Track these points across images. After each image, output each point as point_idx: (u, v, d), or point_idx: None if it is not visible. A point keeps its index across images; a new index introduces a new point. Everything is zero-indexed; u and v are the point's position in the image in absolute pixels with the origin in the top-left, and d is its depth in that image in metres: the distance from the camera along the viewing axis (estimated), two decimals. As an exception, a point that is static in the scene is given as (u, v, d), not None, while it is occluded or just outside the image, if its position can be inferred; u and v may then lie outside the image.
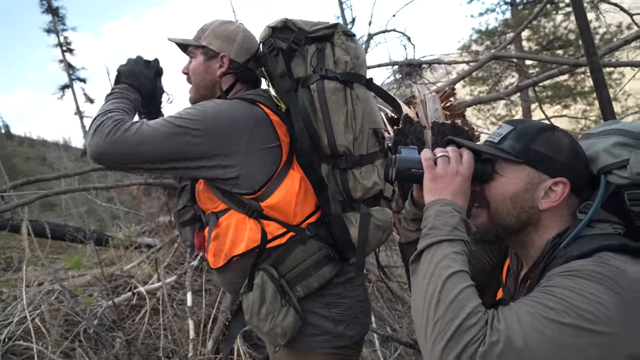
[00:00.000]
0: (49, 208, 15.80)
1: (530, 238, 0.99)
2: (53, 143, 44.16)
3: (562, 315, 0.73)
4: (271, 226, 1.34)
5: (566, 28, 14.44)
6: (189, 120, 1.26)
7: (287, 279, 1.34)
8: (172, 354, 3.24)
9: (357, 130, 1.34)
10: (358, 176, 1.35)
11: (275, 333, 1.31)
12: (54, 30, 19.19)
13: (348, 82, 1.33)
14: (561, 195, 0.93)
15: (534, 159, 0.95)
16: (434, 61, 3.95)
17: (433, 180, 0.99)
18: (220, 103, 1.34)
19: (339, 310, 1.39)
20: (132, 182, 4.19)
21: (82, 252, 6.21)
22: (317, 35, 1.35)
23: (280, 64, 1.33)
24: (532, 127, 0.98)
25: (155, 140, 1.22)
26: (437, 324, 0.78)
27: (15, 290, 3.69)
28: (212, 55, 1.48)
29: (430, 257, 0.88)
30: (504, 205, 0.98)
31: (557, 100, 15.41)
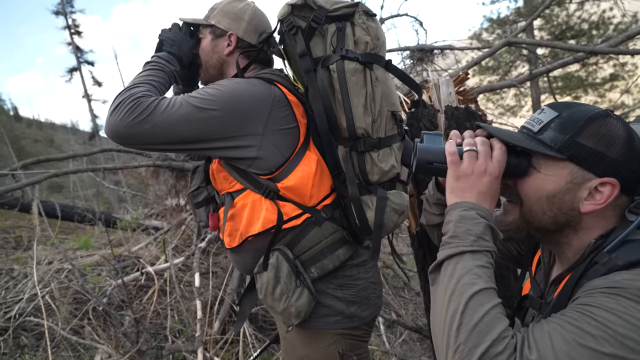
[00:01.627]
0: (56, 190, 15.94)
1: (568, 239, 0.88)
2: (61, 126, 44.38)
3: (601, 343, 0.65)
4: (287, 207, 1.33)
5: (579, 17, 14.15)
6: (207, 100, 1.23)
7: (302, 260, 1.33)
8: (179, 333, 3.29)
9: (376, 113, 1.30)
10: (376, 159, 1.32)
11: (289, 313, 1.30)
12: (62, 12, 19.10)
13: (368, 63, 1.29)
14: (608, 197, 0.81)
15: (579, 155, 0.81)
16: (446, 47, 3.90)
17: (457, 178, 0.87)
18: (238, 82, 1.31)
19: (352, 291, 1.39)
20: (140, 164, 4.21)
21: (90, 233, 6.28)
22: (337, 14, 1.30)
23: (300, 43, 1.29)
24: (580, 114, 0.83)
25: (173, 122, 1.20)
26: (458, 350, 0.70)
27: (26, 268, 3.74)
28: (220, 34, 1.46)
29: (451, 270, 0.79)
30: (539, 204, 0.86)
31: (568, 91, 15.20)
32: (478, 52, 4.68)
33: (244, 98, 1.27)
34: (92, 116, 19.38)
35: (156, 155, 4.21)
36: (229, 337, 3.15)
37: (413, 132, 1.87)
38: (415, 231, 1.96)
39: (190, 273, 3.89)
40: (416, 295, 3.90)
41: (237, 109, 1.26)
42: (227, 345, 3.10)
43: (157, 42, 1.46)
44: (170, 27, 1.48)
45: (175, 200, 5.06)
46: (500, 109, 16.08)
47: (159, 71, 1.36)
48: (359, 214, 1.33)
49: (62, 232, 6.31)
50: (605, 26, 13.67)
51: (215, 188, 1.46)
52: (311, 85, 1.31)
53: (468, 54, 5.13)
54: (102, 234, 6.02)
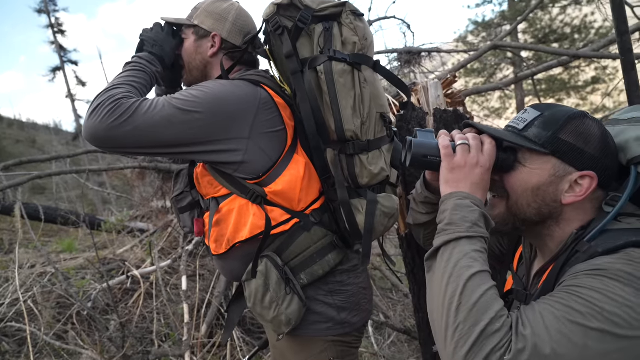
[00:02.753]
0: (39, 192, 15.63)
1: (550, 231, 0.94)
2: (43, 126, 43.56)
3: (589, 319, 0.69)
4: (275, 212, 1.30)
5: (562, 21, 14.42)
6: (191, 102, 1.19)
7: (291, 267, 1.31)
8: (166, 338, 3.25)
9: (364, 115, 1.28)
10: (365, 162, 1.30)
11: (279, 321, 1.28)
12: (45, 10, 18.79)
13: (356, 64, 1.27)
14: (587, 189, 0.88)
15: (561, 150, 0.88)
16: (434, 49, 3.93)
17: (451, 170, 0.92)
18: (223, 84, 1.27)
19: (342, 297, 1.37)
20: (126, 166, 4.15)
21: (73, 235, 6.17)
22: (324, 14, 1.28)
23: (286, 43, 1.26)
24: (560, 113, 0.90)
25: (155, 124, 1.15)
26: (458, 329, 0.73)
27: (7, 272, 3.66)
28: (204, 35, 1.42)
29: (448, 255, 0.83)
30: (525, 197, 0.92)
31: (551, 93, 15.48)
32: (464, 55, 4.73)
33: (229, 100, 1.23)
34: (76, 116, 19.09)
35: (142, 157, 4.16)
36: (216, 340, 3.12)
37: (402, 134, 1.88)
38: (405, 233, 1.97)
39: (177, 276, 3.85)
40: (404, 297, 3.92)
41: (222, 111, 1.22)
42: (214, 349, 3.07)
43: (138, 42, 1.41)
44: (152, 27, 1.44)
45: (162, 202, 5.00)
46: (486, 111, 16.28)
47: (140, 72, 1.31)
48: (348, 218, 1.31)
49: (45, 234, 6.18)
50: (587, 30, 13.96)
51: (199, 192, 1.41)
52: (298, 87, 1.28)
53: (454, 57, 5.18)
54: (86, 237, 5.92)
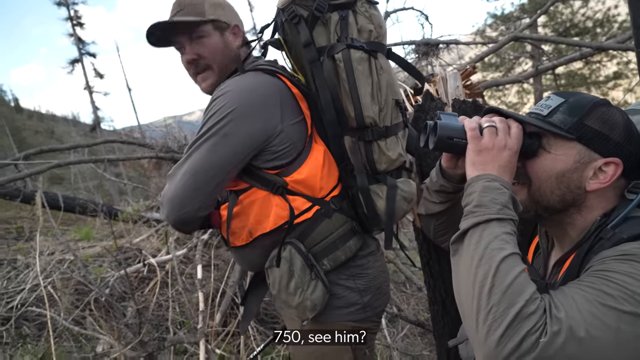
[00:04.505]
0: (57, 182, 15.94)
1: (572, 219, 0.93)
2: (62, 117, 44.31)
3: (621, 303, 0.69)
4: (297, 201, 1.30)
5: (584, 15, 14.10)
6: (223, 125, 1.19)
7: (314, 253, 1.31)
8: (181, 325, 3.29)
9: (382, 102, 1.29)
10: (383, 148, 1.31)
11: (305, 306, 1.29)
12: (65, 3, 19.04)
13: (373, 51, 1.27)
14: (612, 176, 0.87)
15: (586, 135, 0.87)
16: (452, 41, 3.87)
17: (478, 152, 0.90)
18: (241, 87, 1.25)
19: (364, 281, 1.37)
20: (143, 156, 4.20)
21: (91, 224, 6.27)
22: (340, 2, 1.27)
23: (304, 32, 1.25)
24: (585, 100, 0.90)
25: (205, 165, 1.19)
26: (491, 312, 0.71)
27: (28, 259, 3.74)
28: (225, 28, 1.38)
29: (478, 237, 0.81)
30: (548, 183, 0.91)
31: (571, 89, 15.17)
32: (482, 48, 4.66)
33: (256, 102, 1.23)
34: (94, 108, 19.37)
35: (159, 147, 4.21)
36: (230, 329, 3.16)
37: (420, 124, 1.86)
38: (420, 225, 1.95)
39: (192, 265, 3.89)
40: (418, 290, 3.91)
41: (253, 117, 1.22)
42: (228, 337, 3.11)
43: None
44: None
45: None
46: (504, 106, 16.06)
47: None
48: (367, 204, 1.32)
49: (63, 223, 6.30)
50: (610, 24, 13.61)
51: None
52: (317, 75, 1.27)
53: (472, 49, 5.11)
54: (103, 226, 6.02)
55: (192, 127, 12.40)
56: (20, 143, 24.16)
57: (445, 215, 1.21)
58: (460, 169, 1.09)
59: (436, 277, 1.97)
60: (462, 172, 1.08)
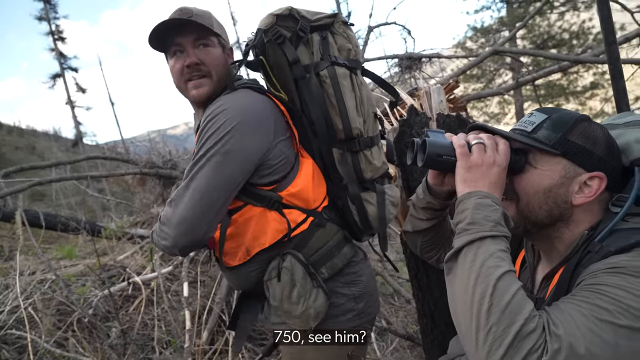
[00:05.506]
0: (38, 198, 15.61)
1: (560, 233, 0.94)
2: (43, 133, 43.55)
3: (617, 317, 0.69)
4: (293, 214, 1.33)
5: (560, 27, 14.52)
6: (225, 142, 1.20)
7: (311, 262, 1.35)
8: (167, 344, 3.22)
9: (365, 114, 1.38)
10: (369, 157, 1.39)
11: (308, 315, 1.30)
12: (46, 18, 18.88)
13: (353, 68, 1.37)
14: (597, 190, 0.89)
15: (571, 151, 0.89)
16: (434, 55, 3.94)
17: (468, 169, 0.91)
18: (238, 104, 1.27)
19: (359, 288, 1.41)
20: (127, 172, 4.14)
21: (73, 242, 6.14)
22: (319, 24, 1.36)
23: (290, 51, 1.33)
24: (567, 116, 0.92)
25: (211, 186, 1.19)
26: (490, 331, 0.71)
27: (8, 279, 3.63)
28: (224, 46, 1.45)
29: (473, 255, 0.80)
30: (536, 199, 0.92)
31: (550, 99, 15.54)
32: (464, 60, 4.75)
33: (250, 120, 1.25)
34: (76, 123, 19.12)
35: (143, 163, 4.16)
36: (217, 347, 3.10)
37: (405, 139, 1.88)
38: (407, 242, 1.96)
39: (178, 282, 3.83)
40: (406, 303, 3.90)
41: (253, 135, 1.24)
42: (215, 355, 3.05)
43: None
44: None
45: (162, 208, 4.98)
46: (485, 116, 16.34)
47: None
48: (360, 211, 1.39)
49: (45, 241, 6.15)
50: (585, 36, 14.04)
51: None
52: (306, 91, 1.34)
53: (454, 62, 5.20)
54: (86, 243, 5.89)
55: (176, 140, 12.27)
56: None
57: (432, 232, 1.22)
58: (447, 185, 1.09)
59: (424, 290, 1.97)
60: (448, 189, 1.09)
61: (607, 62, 1.43)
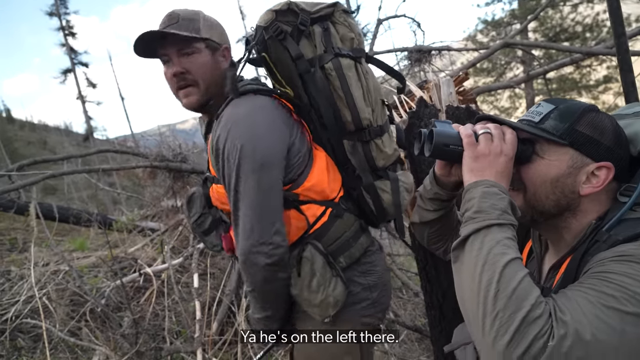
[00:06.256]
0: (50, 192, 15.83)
1: (567, 223, 0.94)
2: (54, 127, 44.02)
3: (623, 304, 0.69)
4: (312, 209, 1.35)
5: (573, 20, 14.26)
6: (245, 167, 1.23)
7: (330, 251, 1.36)
8: (178, 334, 3.27)
9: (373, 103, 1.38)
10: (380, 145, 1.40)
11: (328, 303, 1.32)
12: (56, 13, 19.03)
13: (358, 57, 1.36)
14: (604, 180, 0.89)
15: (578, 141, 0.89)
16: (444, 48, 3.91)
17: (475, 159, 0.90)
18: (249, 113, 1.28)
19: (374, 277, 1.43)
20: (137, 165, 4.19)
21: (85, 234, 6.23)
22: (319, 15, 1.34)
23: (293, 46, 1.30)
24: (575, 106, 0.92)
25: (262, 202, 1.23)
26: (497, 317, 0.71)
27: (23, 270, 3.71)
28: (216, 48, 1.39)
29: (479, 243, 0.81)
30: (543, 189, 0.92)
31: (562, 93, 15.32)
32: (474, 54, 4.71)
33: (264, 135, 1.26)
34: (86, 117, 19.31)
35: (153, 156, 4.20)
36: (227, 337, 3.14)
37: (414, 131, 1.88)
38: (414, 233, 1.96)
39: (188, 274, 3.88)
40: (414, 296, 3.91)
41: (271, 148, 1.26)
42: (225, 346, 3.09)
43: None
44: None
45: (172, 201, 5.03)
46: (496, 111, 16.18)
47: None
48: (375, 200, 1.41)
49: (57, 233, 6.24)
50: (599, 29, 13.78)
51: (222, 209, 1.44)
52: (312, 85, 1.33)
53: (464, 55, 5.16)
54: (97, 236, 5.97)
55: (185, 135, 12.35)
56: (12, 154, 23.99)
57: (439, 223, 1.22)
58: (454, 176, 1.09)
59: (433, 282, 1.98)
60: (455, 179, 1.09)
61: (616, 53, 1.41)
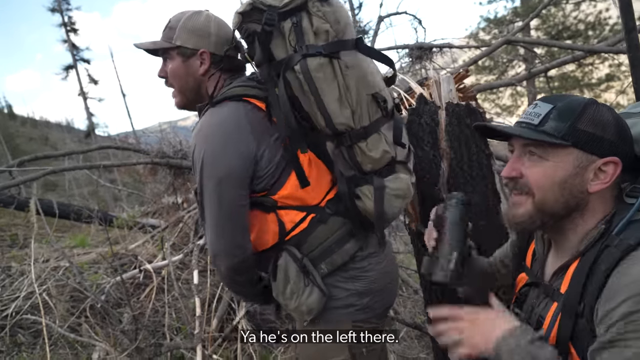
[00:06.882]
0: (51, 188, 15.84)
1: (574, 224, 0.93)
2: (56, 124, 44.01)
3: None
4: (290, 214, 1.32)
5: (575, 18, 14.23)
6: (206, 178, 1.26)
7: (311, 258, 1.33)
8: (177, 331, 3.27)
9: (353, 103, 1.25)
10: (365, 149, 1.28)
11: (301, 311, 1.31)
12: (59, 9, 19.02)
13: (333, 53, 1.22)
14: (612, 175, 0.88)
15: (582, 140, 0.87)
16: (445, 45, 3.89)
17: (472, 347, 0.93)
18: (207, 134, 1.28)
19: (363, 283, 1.37)
20: (138, 161, 4.19)
21: (86, 231, 6.24)
22: (290, 7, 1.20)
23: (257, 51, 1.24)
24: (574, 103, 0.90)
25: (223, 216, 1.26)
26: None
27: (23, 266, 3.72)
28: (190, 54, 1.35)
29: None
30: (552, 192, 0.90)
31: (564, 91, 15.28)
32: (476, 51, 4.69)
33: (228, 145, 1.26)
34: (88, 114, 19.33)
35: (154, 153, 4.20)
36: (227, 334, 3.14)
37: (414, 128, 1.88)
38: (415, 228, 1.96)
39: (188, 271, 3.88)
40: (414, 293, 3.91)
41: (229, 159, 1.26)
42: (225, 342, 3.09)
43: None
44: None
45: (173, 198, 5.04)
46: (497, 109, 16.14)
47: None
48: (352, 209, 1.33)
49: (58, 230, 6.25)
50: (602, 27, 13.75)
51: None
52: (270, 94, 1.26)
53: (465, 52, 5.15)
54: (98, 232, 5.98)
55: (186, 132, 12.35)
56: (13, 150, 24.02)
57: None
58: None
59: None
60: None
61: (626, 50, 1.37)
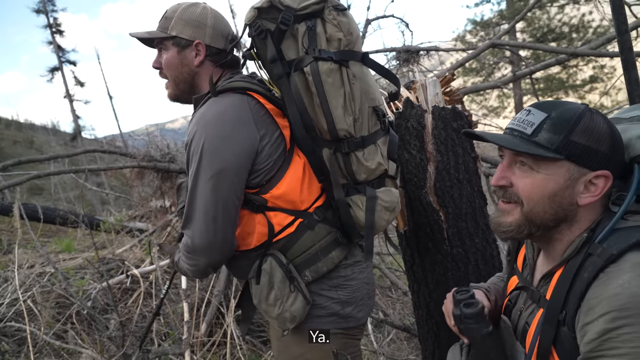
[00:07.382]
0: (37, 192, 15.58)
1: (561, 235, 0.92)
2: (41, 126, 43.33)
3: None
4: (279, 217, 1.30)
5: (560, 20, 14.49)
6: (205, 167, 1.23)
7: (296, 264, 1.31)
8: (166, 336, 3.24)
9: (356, 112, 1.27)
10: (361, 158, 1.31)
11: (284, 318, 1.29)
12: (44, 10, 18.75)
13: (343, 61, 1.25)
14: (603, 188, 0.86)
15: (575, 153, 0.85)
16: (432, 48, 3.93)
17: None
18: (212, 117, 1.25)
19: (346, 292, 1.37)
20: (125, 165, 4.14)
21: (72, 235, 6.16)
22: (306, 12, 1.24)
23: (270, 48, 1.24)
24: (568, 113, 0.87)
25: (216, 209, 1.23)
26: None
27: (7, 272, 3.65)
28: (185, 45, 1.35)
29: None
30: (541, 204, 0.89)
31: (549, 92, 15.54)
32: (463, 54, 4.74)
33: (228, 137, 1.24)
34: (74, 116, 19.05)
35: (141, 156, 4.15)
36: (216, 339, 3.12)
37: (401, 132, 1.89)
38: (404, 230, 1.97)
39: (175, 275, 3.84)
40: (403, 295, 3.92)
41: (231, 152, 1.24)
42: (214, 347, 3.07)
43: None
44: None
45: (161, 201, 4.99)
46: (484, 110, 16.32)
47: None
48: (346, 218, 1.33)
49: (44, 234, 6.17)
50: (585, 29, 14.03)
51: None
52: (284, 91, 1.27)
53: (453, 55, 5.19)
54: (84, 237, 5.91)
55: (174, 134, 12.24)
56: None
57: None
58: None
59: (420, 282, 1.98)
60: None
61: (619, 52, 1.37)
